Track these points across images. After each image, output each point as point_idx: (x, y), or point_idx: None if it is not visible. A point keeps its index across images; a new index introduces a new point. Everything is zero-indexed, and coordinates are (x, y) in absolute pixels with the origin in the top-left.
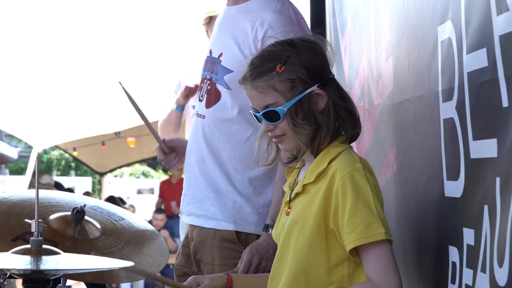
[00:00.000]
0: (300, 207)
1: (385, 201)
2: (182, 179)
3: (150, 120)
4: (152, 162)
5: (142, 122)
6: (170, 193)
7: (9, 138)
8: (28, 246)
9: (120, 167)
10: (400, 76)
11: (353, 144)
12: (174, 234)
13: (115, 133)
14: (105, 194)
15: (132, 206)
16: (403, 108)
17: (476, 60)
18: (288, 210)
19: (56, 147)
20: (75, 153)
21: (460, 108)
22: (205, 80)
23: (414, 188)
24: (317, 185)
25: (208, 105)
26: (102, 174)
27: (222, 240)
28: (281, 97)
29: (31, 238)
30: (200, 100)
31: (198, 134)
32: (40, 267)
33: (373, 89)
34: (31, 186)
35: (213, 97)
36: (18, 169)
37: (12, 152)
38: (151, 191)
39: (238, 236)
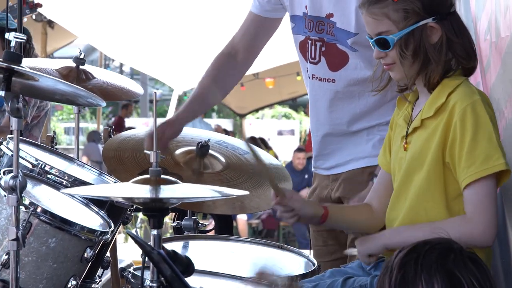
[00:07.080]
0: (420, 142)
1: None
2: None
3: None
4: (293, 104)
5: (280, 63)
6: None
7: (153, 81)
8: (148, 176)
9: (260, 108)
10: None
11: (478, 78)
12: None
13: (254, 74)
14: (246, 135)
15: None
16: None
17: None
18: (406, 145)
19: None
20: None
21: None
22: (310, 41)
23: None
24: (436, 120)
25: (334, 68)
26: (242, 116)
27: None
28: (393, 26)
29: (150, 168)
30: (315, 63)
31: (325, 99)
32: (159, 195)
33: (501, 21)
34: None
35: (338, 59)
36: (162, 112)
37: (138, 88)
38: (292, 132)
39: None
